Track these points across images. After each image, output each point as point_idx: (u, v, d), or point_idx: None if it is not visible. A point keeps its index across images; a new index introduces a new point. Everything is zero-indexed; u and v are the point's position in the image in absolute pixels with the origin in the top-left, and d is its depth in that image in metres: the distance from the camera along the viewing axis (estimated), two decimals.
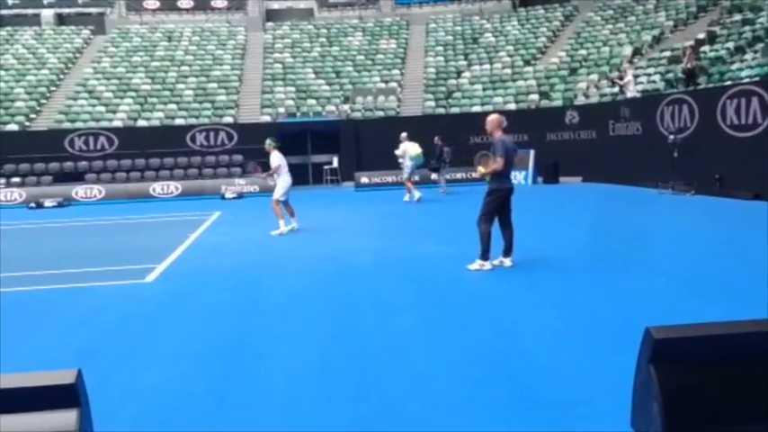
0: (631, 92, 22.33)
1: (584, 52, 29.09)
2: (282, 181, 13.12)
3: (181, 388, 4.87)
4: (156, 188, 24.08)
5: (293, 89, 29.68)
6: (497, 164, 8.40)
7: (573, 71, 28.07)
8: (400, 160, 19.29)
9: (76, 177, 24.93)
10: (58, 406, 3.17)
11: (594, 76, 26.62)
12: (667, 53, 24.54)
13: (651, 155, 19.46)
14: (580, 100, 25.64)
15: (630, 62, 26.17)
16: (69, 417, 3.16)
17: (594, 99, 25.01)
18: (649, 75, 23.78)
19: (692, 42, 23.21)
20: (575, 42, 30.37)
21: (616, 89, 23.73)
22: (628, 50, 26.95)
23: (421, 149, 18.98)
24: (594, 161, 22.60)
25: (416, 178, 20.27)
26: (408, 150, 18.83)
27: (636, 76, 23.44)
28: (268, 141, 13.37)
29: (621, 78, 23.57)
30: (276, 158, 13.08)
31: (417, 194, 18.74)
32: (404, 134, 19.51)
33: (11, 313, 7.36)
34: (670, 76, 22.23)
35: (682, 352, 3.59)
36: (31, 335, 6.49)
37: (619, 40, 28.47)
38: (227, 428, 4.16)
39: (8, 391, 3.17)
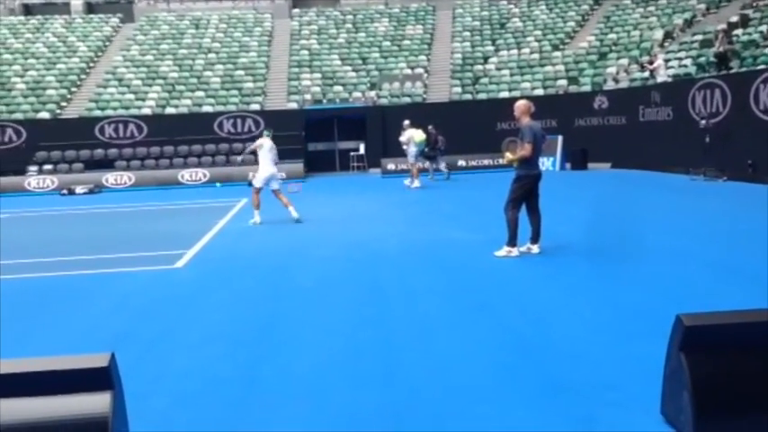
0: (662, 76, 21.99)
1: (613, 36, 28.67)
2: (262, 169, 12.99)
3: (211, 371, 4.94)
4: (185, 175, 24.30)
5: (320, 76, 29.68)
6: (526, 150, 8.34)
7: (602, 56, 27.69)
8: (404, 147, 19.74)
9: (107, 164, 25.26)
10: (92, 389, 3.24)
11: (624, 61, 26.24)
12: (699, 37, 24.08)
13: (682, 140, 19.18)
14: (609, 85, 25.31)
15: (661, 46, 25.74)
16: (103, 399, 3.23)
17: (624, 84, 24.67)
18: (681, 59, 23.37)
19: (724, 26, 22.73)
20: (604, 26, 29.94)
21: (646, 74, 23.38)
22: (658, 34, 26.50)
23: (425, 135, 19.73)
24: (624, 147, 22.33)
25: (421, 164, 20.76)
26: (414, 137, 19.40)
27: (667, 61, 23.07)
28: (265, 132, 13.43)
29: (651, 63, 23.21)
30: (266, 143, 12.95)
31: (417, 183, 19.36)
32: (406, 122, 20.05)
33: (46, 298, 7.52)
34: (702, 60, 21.83)
35: (713, 339, 3.56)
36: (66, 319, 6.61)
37: (649, 24, 28.00)
38: (257, 411, 4.21)
39: (44, 374, 3.24)
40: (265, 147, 12.98)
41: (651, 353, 4.49)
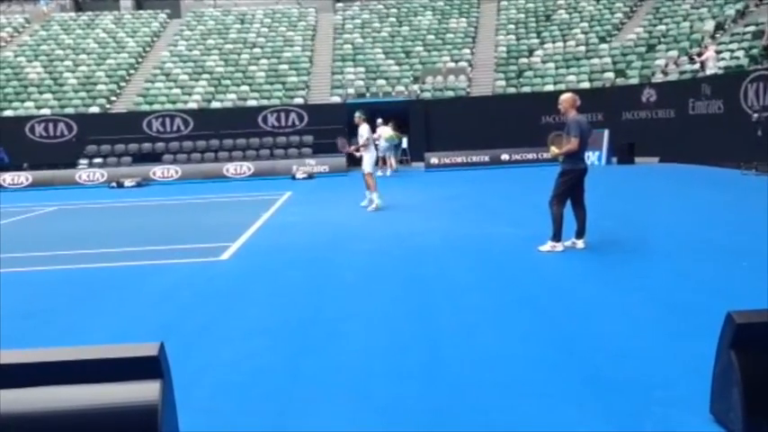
0: (712, 68, 21.44)
1: (662, 28, 28.05)
2: (371, 155, 13.77)
3: (256, 362, 5.01)
4: (230, 168, 24.59)
5: (363, 70, 29.72)
6: (572, 144, 8.23)
7: (651, 48, 27.13)
8: (376, 143, 21.42)
9: (154, 158, 25.72)
10: (142, 377, 3.31)
11: (674, 53, 25.65)
12: (751, 28, 23.40)
13: (733, 134, 18.68)
14: (658, 77, 24.78)
15: (712, 37, 25.08)
16: (153, 387, 3.30)
17: (673, 76, 24.12)
18: (732, 50, 22.75)
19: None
20: (653, 18, 29.31)
21: (696, 66, 22.84)
22: (709, 25, 25.84)
23: (393, 132, 23.08)
24: (672, 141, 21.86)
25: (392, 161, 23.62)
26: (383, 134, 22.63)
27: (718, 52, 22.49)
28: (357, 114, 14.03)
29: (701, 54, 22.66)
30: (365, 131, 13.68)
31: (388, 172, 22.70)
32: (379, 120, 22.92)
33: (96, 288, 7.70)
34: (754, 51, 21.23)
35: (764, 337, 3.48)
36: (115, 309, 6.77)
37: (700, 15, 27.32)
38: (301, 402, 4.25)
39: (96, 362, 3.32)
40: (370, 135, 14.02)
41: (700, 351, 4.41)
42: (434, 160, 24.48)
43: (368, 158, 13.66)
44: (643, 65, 26.03)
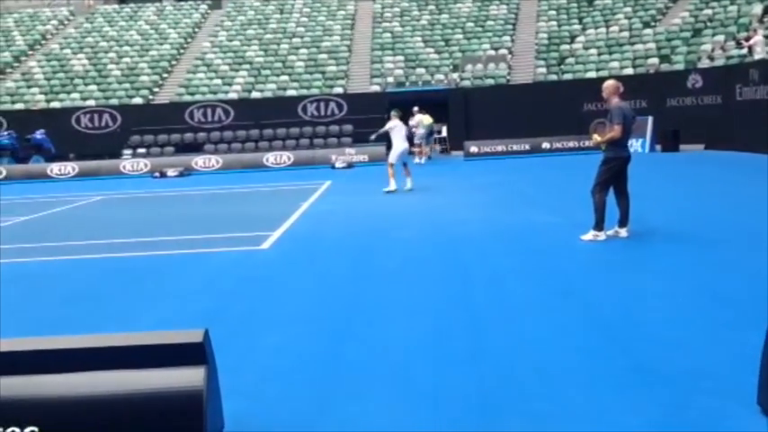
0: (760, 53, 20.87)
1: (709, 12, 27.35)
2: (396, 147, 14.72)
3: (299, 349, 5.06)
4: (270, 158, 24.77)
5: (402, 58, 29.63)
6: (615, 131, 8.11)
7: (697, 32, 26.49)
8: (413, 130, 22.52)
9: (196, 148, 26.06)
10: (188, 363, 3.38)
11: (720, 38, 25.01)
12: None
13: None
14: (704, 63, 24.20)
15: (760, 21, 24.37)
16: (198, 373, 3.36)
17: (720, 62, 23.54)
18: None
19: None
20: (699, 1, 28.58)
21: (744, 51, 22.24)
22: (758, 9, 25.10)
23: (432, 120, 23.47)
24: (719, 128, 21.36)
25: (427, 148, 24.12)
26: (423, 120, 23.08)
27: (766, 37, 21.86)
28: (393, 113, 15.45)
29: (749, 39, 22.06)
30: (388, 123, 15.04)
31: (423, 160, 23.01)
32: (416, 108, 23.17)
33: (141, 276, 7.86)
34: None
35: None
36: (160, 296, 6.91)
37: None
38: (344, 387, 4.28)
39: (143, 348, 3.40)
40: (396, 127, 14.85)
41: (748, 341, 4.32)
42: (474, 149, 24.30)
43: (392, 150, 14.90)
44: (689, 50, 25.44)
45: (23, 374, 3.33)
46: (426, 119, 23.25)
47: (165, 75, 30.43)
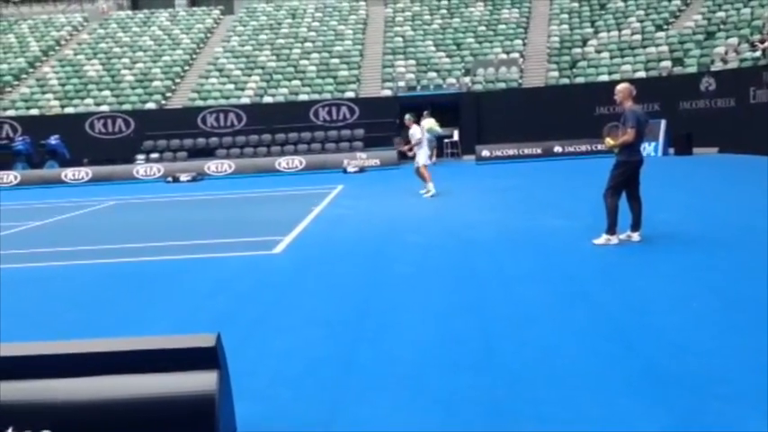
0: None
1: (722, 14, 27.23)
2: (425, 149, 15.13)
3: (310, 353, 5.06)
4: (282, 163, 24.85)
5: (414, 62, 29.67)
6: (629, 135, 8.07)
7: (710, 35, 26.37)
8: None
9: (208, 153, 26.22)
10: (200, 367, 3.38)
11: (734, 40, 24.87)
12: None
13: None
14: (717, 66, 24.08)
15: None
16: (210, 377, 3.37)
17: (733, 64, 23.41)
18: None
19: None
20: (712, 4, 28.47)
21: (758, 53, 22.10)
22: None
23: (436, 124, 22.47)
24: (732, 131, 21.22)
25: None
26: (425, 125, 21.80)
27: None
28: (407, 117, 15.53)
29: (763, 41, 21.91)
30: (417, 131, 15.00)
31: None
32: (425, 112, 22.53)
33: (154, 280, 7.89)
34: None
35: None
36: (172, 300, 6.93)
37: (761, 1, 26.42)
38: (355, 392, 4.29)
39: (155, 352, 3.41)
40: (423, 134, 15.15)
41: (762, 346, 4.29)
42: (486, 153, 24.28)
43: (421, 153, 14.85)
44: (702, 53, 25.32)
45: (37, 378, 3.36)
46: (429, 123, 22.03)
47: (177, 80, 30.61)
